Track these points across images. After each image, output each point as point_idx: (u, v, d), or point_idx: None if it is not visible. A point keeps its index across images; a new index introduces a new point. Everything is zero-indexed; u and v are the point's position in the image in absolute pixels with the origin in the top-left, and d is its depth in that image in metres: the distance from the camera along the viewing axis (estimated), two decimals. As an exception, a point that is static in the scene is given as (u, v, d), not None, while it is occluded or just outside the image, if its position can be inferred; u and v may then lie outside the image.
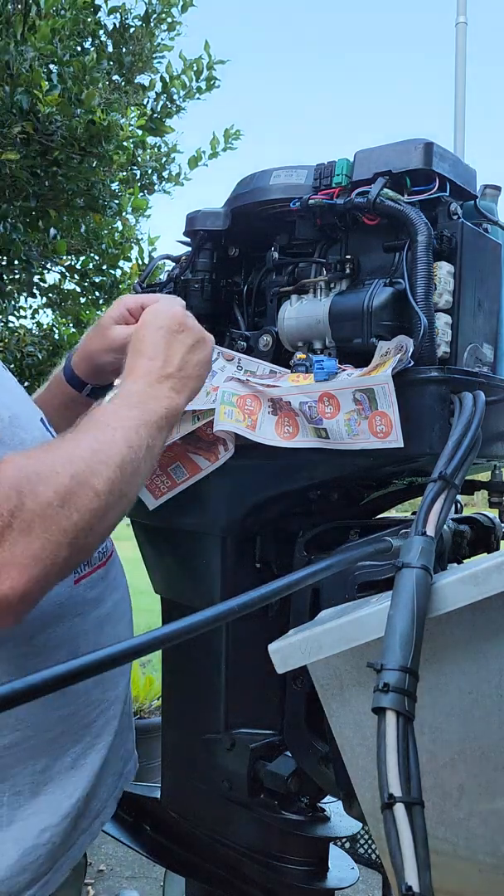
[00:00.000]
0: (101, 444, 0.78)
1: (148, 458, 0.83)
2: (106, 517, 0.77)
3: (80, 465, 0.75)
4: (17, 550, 0.68)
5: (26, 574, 0.69)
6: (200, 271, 1.19)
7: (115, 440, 0.80)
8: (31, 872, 0.88)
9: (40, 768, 0.89)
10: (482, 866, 0.74)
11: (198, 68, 3.86)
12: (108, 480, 0.76)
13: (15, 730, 0.85)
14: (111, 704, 0.99)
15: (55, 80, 3.11)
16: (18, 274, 3.92)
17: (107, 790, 1.00)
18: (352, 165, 1.03)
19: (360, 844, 2.66)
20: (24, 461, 0.74)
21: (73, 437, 0.80)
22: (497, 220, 1.08)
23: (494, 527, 1.16)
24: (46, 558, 0.70)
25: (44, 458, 0.75)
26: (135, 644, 0.65)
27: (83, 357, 1.10)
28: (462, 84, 7.42)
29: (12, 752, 0.86)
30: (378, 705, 0.59)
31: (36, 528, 0.70)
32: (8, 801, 0.87)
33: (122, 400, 0.87)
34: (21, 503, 0.69)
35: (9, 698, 0.58)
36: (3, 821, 0.86)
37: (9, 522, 0.68)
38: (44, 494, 0.71)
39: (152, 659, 4.45)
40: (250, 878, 1.15)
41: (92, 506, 0.74)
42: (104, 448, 0.78)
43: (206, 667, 1.16)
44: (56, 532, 0.71)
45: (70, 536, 0.72)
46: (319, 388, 0.95)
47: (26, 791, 0.88)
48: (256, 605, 0.72)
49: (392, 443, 0.89)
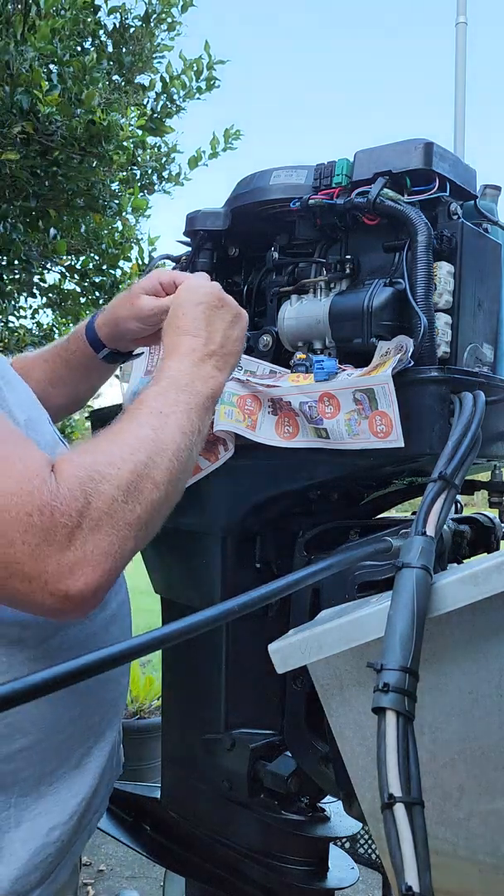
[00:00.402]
0: (157, 434, 0.79)
1: (199, 441, 0.84)
2: (164, 506, 0.79)
3: (140, 456, 0.76)
4: (87, 549, 0.70)
5: (98, 570, 0.71)
6: (200, 271, 1.19)
7: (170, 428, 0.80)
8: (41, 871, 0.89)
9: (49, 770, 0.90)
10: (482, 866, 0.74)
11: (198, 68, 3.86)
12: (166, 470, 0.78)
13: (27, 734, 0.86)
14: (114, 704, 0.99)
15: (55, 80, 3.11)
16: (18, 274, 3.92)
17: (105, 787, 1.01)
18: (352, 165, 1.03)
19: (360, 844, 2.66)
20: (83, 459, 0.75)
21: (128, 427, 0.80)
22: (497, 220, 1.08)
23: (494, 527, 1.16)
24: (116, 553, 0.72)
25: (103, 453, 0.76)
26: (135, 644, 0.65)
27: (108, 321, 1.11)
28: (462, 84, 7.41)
29: (24, 756, 0.86)
30: (378, 705, 0.59)
31: (104, 525, 0.71)
32: (16, 802, 0.87)
33: (169, 382, 0.86)
34: (88, 503, 0.70)
35: (9, 698, 0.58)
36: (12, 822, 0.87)
37: (78, 523, 0.70)
38: (108, 492, 0.72)
39: (152, 659, 4.45)
40: (250, 878, 1.15)
41: (153, 497, 0.76)
42: (160, 437, 0.79)
43: (206, 667, 1.16)
44: (123, 527, 0.73)
45: (135, 529, 0.74)
46: (319, 388, 0.95)
47: (34, 792, 0.88)
48: (256, 605, 0.72)
49: (392, 442, 0.89)
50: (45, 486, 0.69)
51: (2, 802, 0.86)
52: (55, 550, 0.68)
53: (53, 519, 0.68)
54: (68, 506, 0.69)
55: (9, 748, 0.85)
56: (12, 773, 0.86)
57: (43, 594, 0.69)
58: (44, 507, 0.68)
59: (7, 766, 0.85)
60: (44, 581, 0.69)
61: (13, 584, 0.69)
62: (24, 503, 0.68)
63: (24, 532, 0.67)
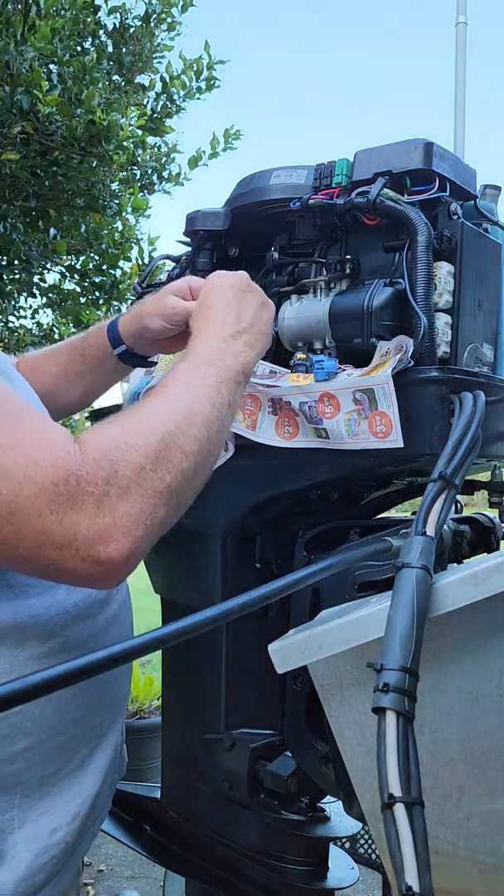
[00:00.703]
0: (184, 405, 0.79)
1: (229, 415, 0.84)
2: (196, 476, 0.79)
3: (168, 426, 0.76)
4: (117, 515, 0.70)
5: (129, 536, 0.71)
6: (200, 271, 1.19)
7: (199, 399, 0.80)
8: (45, 873, 0.88)
9: (52, 770, 0.89)
10: (482, 866, 0.74)
11: (198, 68, 3.86)
12: (195, 440, 0.78)
13: (30, 734, 0.85)
14: (116, 704, 0.99)
15: (55, 80, 3.11)
16: (18, 274, 3.92)
17: (109, 788, 1.01)
18: (352, 165, 1.03)
19: (360, 844, 2.66)
20: (108, 430, 0.75)
21: (154, 400, 0.80)
22: (497, 220, 1.08)
23: (494, 527, 1.16)
24: (146, 520, 0.72)
25: (129, 424, 0.76)
26: (135, 644, 0.65)
27: (132, 315, 1.11)
28: (462, 84, 7.41)
29: (26, 756, 0.86)
30: (378, 705, 0.59)
31: (132, 492, 0.71)
32: (19, 803, 0.87)
33: (197, 357, 0.86)
34: (115, 471, 0.71)
35: (9, 698, 0.58)
36: (15, 823, 0.87)
37: (105, 490, 0.70)
38: (135, 460, 0.72)
39: (152, 659, 4.45)
40: (250, 878, 1.15)
41: (182, 466, 0.76)
42: (188, 408, 0.79)
43: (206, 667, 1.16)
44: (152, 494, 0.73)
45: (165, 497, 0.74)
46: (319, 388, 0.95)
47: (36, 793, 0.88)
48: (256, 605, 0.72)
49: (392, 443, 0.89)
50: (68, 457, 0.70)
51: (5, 804, 0.86)
52: (84, 518, 0.69)
53: (80, 487, 0.69)
54: (94, 474, 0.70)
55: (11, 749, 0.85)
56: (14, 774, 0.86)
57: (75, 561, 0.70)
58: (69, 477, 0.69)
59: (9, 767, 0.85)
60: (75, 548, 0.69)
61: (46, 554, 0.69)
62: (49, 473, 0.68)
63: (50, 502, 0.68)
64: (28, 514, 0.68)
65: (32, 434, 0.71)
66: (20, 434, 0.70)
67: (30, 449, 0.69)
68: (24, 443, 0.70)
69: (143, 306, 1.09)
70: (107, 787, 1.00)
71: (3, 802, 0.86)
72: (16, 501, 0.68)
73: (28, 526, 0.68)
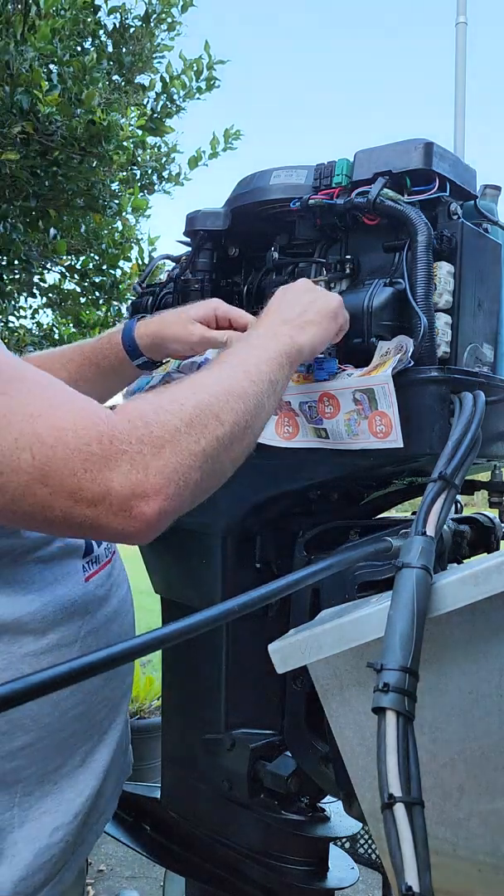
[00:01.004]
0: (221, 378, 0.81)
1: (271, 392, 0.84)
2: (232, 447, 0.79)
3: (203, 395, 0.78)
4: (150, 472, 0.71)
5: (162, 493, 0.72)
6: (200, 271, 1.19)
7: (236, 373, 0.82)
8: (45, 872, 0.88)
9: (52, 768, 0.89)
10: (482, 866, 0.74)
11: (198, 68, 3.86)
12: (231, 410, 0.79)
13: (28, 731, 0.85)
14: (118, 702, 0.99)
15: (55, 80, 3.10)
16: (18, 274, 3.92)
17: (111, 787, 1.01)
18: (352, 165, 1.03)
19: (360, 844, 2.66)
20: (147, 396, 0.78)
21: (193, 377, 0.82)
22: (497, 220, 1.08)
23: (494, 527, 1.16)
24: (179, 479, 0.73)
25: (165, 394, 0.78)
26: (135, 644, 0.65)
27: (151, 334, 1.10)
28: (462, 84, 7.41)
29: (26, 754, 0.86)
30: (378, 705, 0.59)
31: (166, 450, 0.73)
32: (19, 801, 0.87)
33: (240, 345, 0.89)
34: (148, 430, 0.72)
35: (8, 698, 0.58)
36: (16, 821, 0.86)
37: (139, 449, 0.71)
38: (170, 422, 0.74)
39: (152, 659, 4.45)
40: (250, 878, 1.15)
41: (217, 433, 0.77)
42: (225, 380, 0.81)
43: (206, 667, 1.16)
44: (186, 455, 0.74)
45: (200, 460, 0.75)
46: (319, 388, 0.95)
47: (37, 791, 0.88)
48: (256, 605, 0.72)
49: (392, 443, 0.89)
50: (101, 420, 0.71)
51: (5, 802, 0.86)
52: (117, 474, 0.70)
53: (113, 446, 0.70)
54: (128, 433, 0.71)
55: (10, 745, 0.84)
56: (14, 772, 0.86)
57: (108, 516, 0.71)
58: (102, 437, 0.70)
59: (9, 764, 0.85)
60: (108, 503, 0.70)
61: (81, 511, 0.70)
62: (82, 435, 0.70)
63: (84, 461, 0.69)
64: (62, 475, 0.69)
65: (63, 400, 0.73)
66: (49, 401, 0.72)
67: (62, 413, 0.71)
68: (56, 408, 0.71)
69: (164, 327, 1.09)
70: (110, 787, 0.99)
71: (4, 801, 0.86)
72: (49, 464, 0.69)
73: (62, 486, 0.69)
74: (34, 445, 0.69)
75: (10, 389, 0.71)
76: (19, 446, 0.69)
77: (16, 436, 0.69)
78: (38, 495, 0.70)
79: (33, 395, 0.72)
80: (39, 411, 0.70)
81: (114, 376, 1.15)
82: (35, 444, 0.69)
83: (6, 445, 0.68)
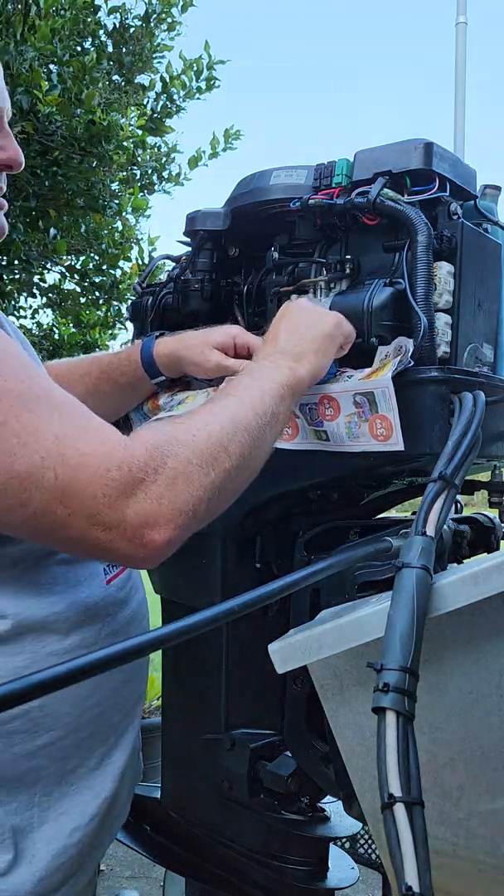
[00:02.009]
0: (231, 411, 0.85)
1: (273, 424, 0.88)
2: (236, 479, 0.84)
3: (215, 428, 0.82)
4: (164, 503, 0.76)
5: (172, 524, 0.76)
6: (200, 271, 1.19)
7: (243, 406, 0.86)
8: (63, 873, 0.89)
9: (70, 768, 0.90)
10: (482, 866, 0.74)
11: (198, 68, 3.85)
12: (239, 444, 0.82)
13: (50, 730, 0.87)
14: (134, 704, 1.00)
15: (55, 80, 3.11)
16: (18, 274, 3.92)
17: (126, 790, 1.01)
18: (352, 165, 1.03)
19: (360, 844, 2.66)
20: (162, 427, 0.82)
21: (206, 408, 0.86)
22: (497, 220, 1.08)
23: (494, 527, 1.15)
24: (189, 511, 0.77)
25: (182, 425, 0.82)
26: (135, 644, 0.65)
27: (169, 353, 1.12)
28: (462, 84, 7.41)
29: (46, 753, 0.87)
30: (378, 705, 0.59)
31: (179, 483, 0.77)
32: (39, 801, 0.88)
33: (243, 375, 0.92)
34: (164, 462, 0.76)
35: (8, 698, 0.58)
36: (35, 822, 0.88)
37: (154, 479, 0.75)
38: (184, 455, 0.78)
39: (153, 659, 4.44)
40: (250, 878, 1.15)
41: (226, 465, 0.81)
42: (234, 414, 0.84)
43: (206, 667, 1.16)
44: (197, 488, 0.78)
45: (209, 493, 0.79)
46: (320, 390, 0.95)
47: (56, 792, 0.89)
48: (256, 605, 0.72)
49: (392, 446, 0.89)
50: (120, 447, 0.75)
51: (25, 802, 0.87)
52: (133, 502, 0.74)
53: (131, 474, 0.74)
54: (146, 463, 0.75)
55: (32, 744, 0.86)
56: (34, 771, 0.87)
57: (121, 541, 0.75)
58: (122, 464, 0.74)
59: (29, 763, 0.86)
60: (122, 529, 0.74)
61: (95, 534, 0.74)
62: (104, 461, 0.74)
63: (104, 486, 0.73)
64: (82, 497, 0.73)
65: (88, 426, 0.77)
66: (74, 424, 0.76)
67: (86, 438, 0.75)
68: (81, 431, 0.75)
69: (183, 349, 1.11)
70: (125, 790, 1.00)
71: (24, 800, 0.87)
72: (71, 485, 0.73)
73: (81, 508, 0.73)
74: (58, 465, 0.73)
75: (38, 409, 0.74)
76: (45, 465, 0.73)
77: (42, 454, 0.73)
78: (58, 514, 0.73)
79: (60, 416, 0.75)
80: (65, 433, 0.74)
81: (130, 392, 1.17)
82: (59, 464, 0.73)
83: (34, 462, 0.72)
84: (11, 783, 0.86)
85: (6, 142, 0.99)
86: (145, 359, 1.13)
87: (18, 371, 0.76)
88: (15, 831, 0.86)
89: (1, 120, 0.99)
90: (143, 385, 1.16)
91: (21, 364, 0.78)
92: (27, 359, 0.82)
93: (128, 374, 1.15)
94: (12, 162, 1.00)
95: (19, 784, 0.87)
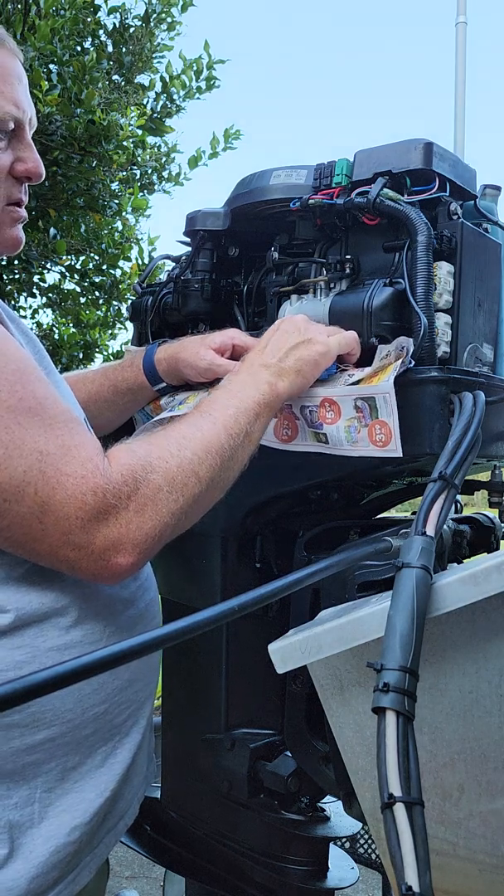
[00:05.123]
0: (203, 434, 0.87)
1: (246, 444, 0.91)
2: (203, 500, 0.87)
3: (187, 453, 0.85)
4: (132, 528, 0.80)
5: (138, 548, 0.81)
6: (200, 271, 1.19)
7: (216, 429, 0.88)
8: (59, 870, 0.89)
9: (72, 765, 0.90)
10: (482, 866, 0.74)
11: (198, 68, 3.86)
12: (209, 468, 0.86)
13: (51, 725, 0.87)
14: (141, 705, 0.99)
15: (55, 79, 3.11)
16: (18, 274, 3.92)
17: (132, 791, 1.01)
18: (352, 165, 1.03)
19: (360, 844, 2.66)
20: (139, 448, 0.84)
21: (179, 426, 0.89)
22: (497, 220, 1.08)
23: (494, 527, 1.16)
24: (155, 536, 0.82)
25: (156, 445, 0.85)
26: (135, 644, 0.65)
27: (169, 357, 1.14)
28: (462, 84, 7.41)
29: (47, 748, 0.87)
30: (378, 705, 0.59)
31: (148, 510, 0.81)
32: (40, 797, 0.88)
33: (223, 390, 0.94)
34: (136, 489, 0.80)
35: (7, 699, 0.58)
36: (35, 818, 0.88)
37: (126, 505, 0.79)
38: (155, 482, 0.82)
39: (152, 659, 4.44)
40: (250, 878, 1.15)
41: (195, 491, 0.85)
42: (206, 437, 0.87)
43: (206, 667, 1.16)
44: (165, 514, 0.82)
45: (175, 518, 0.84)
46: (321, 393, 0.95)
47: (57, 788, 0.89)
48: (256, 605, 0.72)
49: (391, 452, 0.90)
50: (98, 471, 0.79)
51: (26, 797, 0.87)
52: (103, 527, 0.78)
53: (105, 500, 0.78)
54: (119, 490, 0.79)
55: (32, 738, 0.86)
56: (35, 765, 0.87)
57: (87, 561, 0.79)
58: (97, 489, 0.78)
59: (29, 757, 0.86)
60: (90, 551, 0.79)
61: (64, 552, 0.79)
62: (80, 484, 0.77)
63: (78, 509, 0.77)
64: (57, 517, 0.77)
65: (72, 445, 0.79)
66: (59, 441, 0.79)
67: (69, 458, 0.78)
68: (64, 450, 0.78)
69: (181, 351, 1.12)
70: (130, 790, 1.00)
71: (25, 795, 0.87)
72: (48, 503, 0.76)
73: (55, 526, 0.77)
74: (39, 482, 0.76)
75: (27, 422, 0.77)
76: (27, 479, 0.76)
77: (25, 468, 0.76)
78: (33, 529, 0.77)
79: (47, 432, 0.78)
80: (49, 450, 0.77)
81: (130, 396, 1.19)
82: (39, 481, 0.76)
83: (16, 475, 0.76)
84: (11, 777, 0.86)
85: (28, 153, 0.99)
86: (146, 364, 1.15)
87: (12, 380, 0.78)
88: (11, 826, 0.86)
89: (23, 130, 0.98)
90: (144, 391, 1.18)
91: (18, 371, 0.79)
92: (26, 364, 0.82)
93: (129, 379, 1.17)
94: (32, 173, 1.00)
95: (19, 778, 0.86)
